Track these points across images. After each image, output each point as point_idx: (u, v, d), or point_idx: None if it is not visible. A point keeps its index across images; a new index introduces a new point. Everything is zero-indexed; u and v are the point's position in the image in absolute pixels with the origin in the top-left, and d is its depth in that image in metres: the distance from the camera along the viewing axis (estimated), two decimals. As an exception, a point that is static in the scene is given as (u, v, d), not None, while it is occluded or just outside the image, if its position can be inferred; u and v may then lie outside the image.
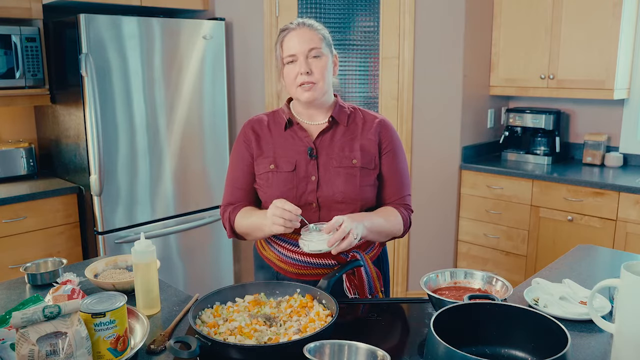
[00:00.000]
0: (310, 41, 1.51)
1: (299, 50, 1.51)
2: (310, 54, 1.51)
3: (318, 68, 1.52)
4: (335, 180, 1.54)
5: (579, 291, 1.45)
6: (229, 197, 1.65)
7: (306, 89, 1.52)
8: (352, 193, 1.54)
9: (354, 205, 1.54)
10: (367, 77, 3.42)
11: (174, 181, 3.09)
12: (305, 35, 1.52)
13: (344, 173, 1.54)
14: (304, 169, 1.55)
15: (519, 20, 3.45)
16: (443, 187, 3.54)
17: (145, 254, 1.39)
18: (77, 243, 2.95)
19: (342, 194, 1.53)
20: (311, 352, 1.04)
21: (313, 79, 1.51)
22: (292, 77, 1.53)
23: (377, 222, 1.52)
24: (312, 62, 1.51)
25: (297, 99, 1.57)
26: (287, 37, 1.53)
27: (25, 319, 1.02)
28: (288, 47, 1.52)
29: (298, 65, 1.51)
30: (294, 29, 1.53)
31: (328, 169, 1.55)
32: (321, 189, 1.54)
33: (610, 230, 2.97)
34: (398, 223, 1.58)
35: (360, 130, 1.60)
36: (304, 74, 1.50)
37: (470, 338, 1.10)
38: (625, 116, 3.40)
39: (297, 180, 1.54)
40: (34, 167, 3.07)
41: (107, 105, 2.77)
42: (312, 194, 1.54)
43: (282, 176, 1.55)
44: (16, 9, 2.78)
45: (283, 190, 1.54)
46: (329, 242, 1.35)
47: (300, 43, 1.51)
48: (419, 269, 3.58)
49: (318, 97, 1.55)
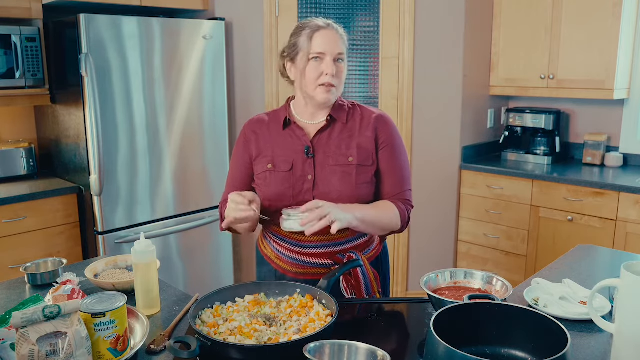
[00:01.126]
0: (340, 45, 1.53)
1: (329, 51, 1.51)
2: (338, 57, 1.53)
3: (341, 73, 1.55)
4: (331, 178, 1.54)
5: (579, 291, 1.45)
6: (227, 194, 1.66)
7: (327, 90, 1.52)
8: (348, 191, 1.53)
9: (349, 202, 1.54)
10: (367, 77, 3.42)
11: (174, 181, 3.09)
12: (337, 38, 1.53)
13: (339, 171, 1.54)
14: (301, 168, 1.55)
15: (519, 20, 3.45)
16: (443, 187, 3.54)
17: (145, 254, 1.39)
18: (77, 243, 2.95)
19: (337, 192, 1.53)
20: (311, 352, 1.04)
21: (335, 82, 1.53)
22: (315, 74, 1.52)
23: (370, 213, 1.51)
24: (337, 65, 1.53)
25: (312, 98, 1.55)
26: (319, 34, 1.52)
27: (25, 319, 1.02)
28: (318, 44, 1.51)
29: (325, 65, 1.51)
30: (325, 28, 1.53)
31: (324, 167, 1.55)
32: (317, 188, 1.54)
33: (610, 230, 2.97)
34: (394, 216, 1.56)
35: (359, 127, 1.60)
36: (331, 75, 1.51)
37: (470, 338, 1.10)
38: (625, 116, 3.40)
39: (294, 179, 1.55)
40: (34, 167, 3.07)
41: (107, 105, 2.77)
42: (308, 193, 1.54)
43: (280, 175, 1.55)
44: (16, 9, 2.78)
45: (280, 189, 1.55)
46: (302, 221, 1.37)
47: (331, 44, 1.51)
48: (419, 269, 3.58)
49: (333, 101, 1.56)
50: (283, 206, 1.52)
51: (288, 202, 1.54)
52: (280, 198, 1.55)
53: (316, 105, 1.58)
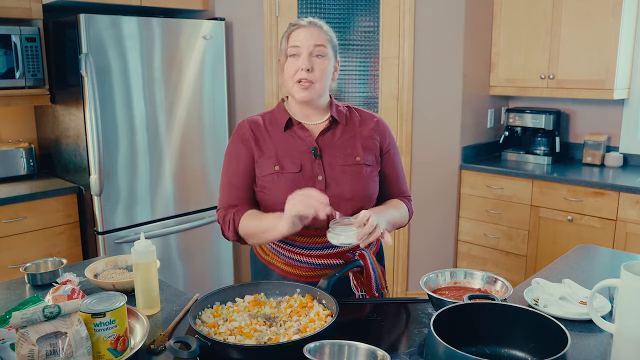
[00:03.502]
0: (318, 39, 1.50)
1: (304, 45, 1.49)
2: (314, 52, 1.49)
3: (319, 67, 1.50)
4: (343, 178, 1.54)
5: (579, 291, 1.45)
6: (228, 198, 1.60)
7: (303, 87, 1.50)
8: (361, 189, 1.54)
9: (361, 201, 1.54)
10: (367, 77, 3.42)
11: (174, 181, 3.09)
12: (314, 33, 1.51)
13: (350, 171, 1.55)
14: (310, 169, 1.53)
15: (519, 20, 3.45)
16: (443, 187, 3.54)
17: (145, 254, 1.39)
18: (77, 243, 2.95)
19: (350, 191, 1.53)
20: (311, 352, 1.04)
21: (312, 78, 1.49)
22: (292, 71, 1.51)
23: (394, 214, 1.57)
24: (314, 61, 1.50)
25: (292, 96, 1.55)
26: (296, 32, 1.51)
27: (25, 319, 1.02)
28: (294, 40, 1.51)
29: (300, 61, 1.49)
30: (305, 25, 1.52)
31: (334, 167, 1.54)
32: (329, 188, 1.52)
33: (610, 230, 2.97)
34: (406, 213, 1.66)
35: (359, 128, 1.60)
36: (305, 70, 1.48)
37: (470, 338, 1.10)
38: (625, 116, 3.40)
39: (304, 180, 1.53)
40: (34, 167, 3.07)
41: (107, 105, 2.77)
42: None
43: (288, 177, 1.53)
44: (16, 9, 2.78)
45: (289, 191, 1.49)
46: (358, 235, 1.35)
47: (307, 38, 1.50)
48: (419, 269, 3.58)
49: (313, 98, 1.53)
50: None
51: None
52: None
53: (301, 105, 1.57)
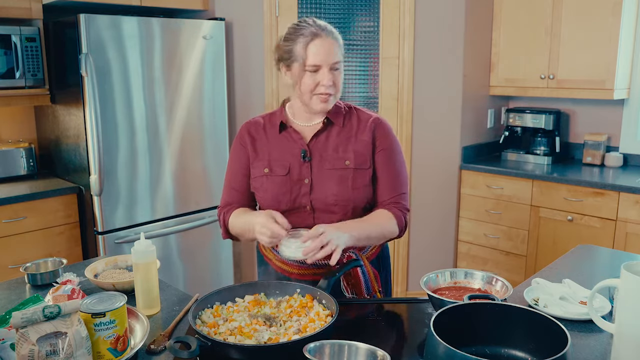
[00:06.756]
0: (336, 54, 1.49)
1: (325, 61, 1.47)
2: (334, 66, 1.49)
3: (337, 80, 1.51)
4: (328, 182, 1.53)
5: (579, 291, 1.45)
6: (226, 198, 1.65)
7: (323, 99, 1.50)
8: (345, 195, 1.52)
9: (347, 207, 1.53)
10: (367, 77, 3.42)
11: (174, 181, 3.09)
12: (332, 47, 1.48)
13: (336, 175, 1.53)
14: (298, 172, 1.54)
15: (519, 20, 3.45)
16: (443, 187, 3.54)
17: (145, 254, 1.39)
18: (77, 243, 2.95)
19: (334, 196, 1.52)
20: (311, 352, 1.04)
21: (332, 91, 1.50)
22: (311, 85, 1.49)
23: (366, 229, 1.49)
24: (333, 74, 1.50)
25: (309, 107, 1.53)
26: (314, 44, 1.47)
27: (25, 319, 1.02)
28: (314, 55, 1.47)
29: (320, 76, 1.48)
30: (320, 35, 1.47)
31: (321, 171, 1.54)
32: (314, 192, 1.53)
33: (610, 230, 2.97)
34: (391, 226, 1.54)
35: (355, 130, 1.58)
36: (328, 86, 1.48)
37: (470, 338, 1.10)
38: (625, 116, 3.40)
39: (291, 183, 1.54)
40: (34, 167, 3.07)
41: (107, 105, 2.77)
42: (305, 197, 1.53)
43: (276, 180, 1.55)
44: (16, 9, 2.78)
45: (277, 193, 1.54)
46: (303, 251, 1.34)
47: (327, 55, 1.47)
48: (419, 269, 3.58)
49: (330, 108, 1.54)
50: (280, 210, 1.49)
51: (286, 206, 1.53)
52: (277, 202, 1.54)
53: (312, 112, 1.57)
